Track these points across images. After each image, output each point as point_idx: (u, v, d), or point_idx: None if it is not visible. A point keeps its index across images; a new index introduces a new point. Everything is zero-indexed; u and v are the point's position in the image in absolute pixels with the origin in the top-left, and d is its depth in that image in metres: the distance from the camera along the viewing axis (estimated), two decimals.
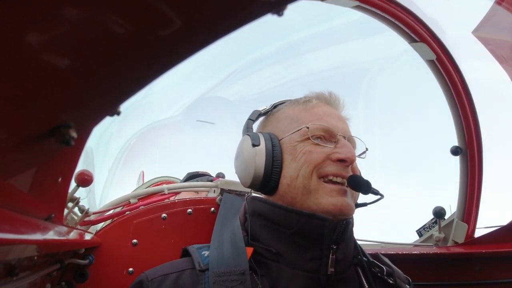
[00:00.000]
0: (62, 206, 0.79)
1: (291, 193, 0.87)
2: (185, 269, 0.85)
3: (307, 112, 0.97)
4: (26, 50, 0.28)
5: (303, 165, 0.87)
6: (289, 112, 1.00)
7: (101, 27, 0.28)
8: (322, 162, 0.87)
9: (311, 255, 0.83)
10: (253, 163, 0.91)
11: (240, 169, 0.97)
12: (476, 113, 1.47)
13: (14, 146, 0.39)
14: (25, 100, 0.34)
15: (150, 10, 0.27)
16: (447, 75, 1.42)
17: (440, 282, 1.35)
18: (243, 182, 0.97)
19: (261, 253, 0.86)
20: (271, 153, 0.91)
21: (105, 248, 1.11)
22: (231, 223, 0.98)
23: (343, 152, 0.88)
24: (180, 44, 0.32)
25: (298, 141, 0.91)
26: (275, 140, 0.93)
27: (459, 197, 1.50)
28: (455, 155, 1.50)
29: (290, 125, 0.95)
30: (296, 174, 0.87)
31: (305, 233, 0.84)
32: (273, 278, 0.83)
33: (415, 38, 1.40)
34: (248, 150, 0.93)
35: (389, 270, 0.92)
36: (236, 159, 1.00)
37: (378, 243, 1.58)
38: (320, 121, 0.93)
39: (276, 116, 1.03)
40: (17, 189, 0.49)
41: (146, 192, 1.44)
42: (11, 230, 0.44)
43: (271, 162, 0.90)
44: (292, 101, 1.04)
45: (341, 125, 0.95)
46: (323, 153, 0.88)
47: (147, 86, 0.37)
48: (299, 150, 0.90)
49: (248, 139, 0.95)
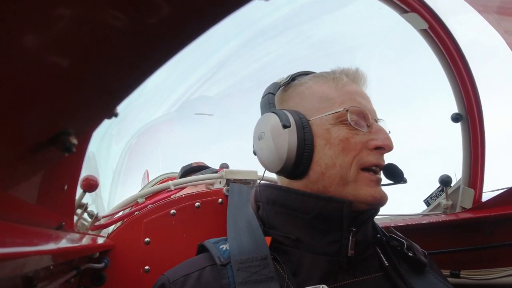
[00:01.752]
0: (72, 214, 0.79)
1: (324, 182, 0.83)
2: (205, 266, 0.83)
3: (338, 90, 0.89)
4: (20, 59, 0.28)
5: (340, 153, 0.82)
6: (316, 88, 0.91)
7: (90, 26, 0.27)
8: (360, 150, 0.83)
9: (331, 238, 0.82)
10: (285, 147, 0.83)
11: (266, 152, 0.87)
12: (474, 78, 1.45)
13: (15, 159, 0.39)
14: (23, 111, 0.33)
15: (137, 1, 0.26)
16: (441, 42, 1.41)
17: (452, 248, 1.36)
18: (269, 167, 0.89)
19: (280, 240, 0.85)
20: (302, 137, 0.84)
21: (119, 249, 1.12)
22: (244, 212, 0.97)
23: (379, 138, 0.84)
24: (170, 36, 0.31)
25: (332, 124, 0.85)
26: (304, 121, 0.86)
27: (463, 164, 1.50)
28: (456, 122, 1.49)
29: (320, 104, 0.88)
30: (332, 162, 0.82)
31: (324, 217, 0.82)
32: (294, 265, 0.82)
33: (406, 9, 1.38)
34: (277, 132, 0.85)
35: (408, 244, 0.91)
36: (260, 139, 0.90)
37: (388, 216, 1.60)
38: (354, 102, 0.86)
39: (299, 91, 0.94)
40: (25, 201, 0.49)
41: (152, 190, 1.45)
42: (24, 243, 0.44)
43: (303, 147, 0.84)
44: (318, 75, 0.95)
45: (371, 107, 0.90)
46: (360, 141, 0.83)
47: (142, 84, 0.37)
48: (334, 136, 0.84)
49: (275, 118, 0.86)
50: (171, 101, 4.21)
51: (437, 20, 1.39)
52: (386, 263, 0.87)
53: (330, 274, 0.80)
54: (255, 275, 0.76)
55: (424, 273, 0.90)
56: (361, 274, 0.84)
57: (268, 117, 0.89)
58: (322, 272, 0.80)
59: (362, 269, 0.85)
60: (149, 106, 4.07)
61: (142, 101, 3.81)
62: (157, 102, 4.21)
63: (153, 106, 4.19)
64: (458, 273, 1.32)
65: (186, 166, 2.26)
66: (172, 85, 3.98)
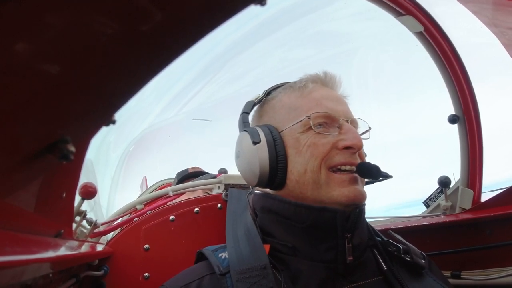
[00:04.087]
0: (70, 221, 0.79)
1: (300, 189, 0.85)
2: (204, 275, 0.83)
3: (304, 98, 0.92)
4: (17, 67, 0.28)
5: (309, 159, 0.84)
6: (285, 100, 0.95)
7: (87, 34, 0.27)
8: (329, 152, 0.84)
9: (327, 245, 0.82)
10: (257, 162, 0.87)
11: (243, 168, 0.93)
12: (469, 79, 1.46)
13: (13, 167, 0.39)
14: (20, 119, 0.33)
15: (132, 7, 0.26)
16: (436, 45, 1.42)
17: (452, 249, 1.36)
18: (249, 182, 0.93)
19: (278, 248, 0.85)
20: (274, 149, 0.87)
21: (118, 256, 1.12)
22: (243, 220, 0.97)
23: (348, 138, 0.85)
24: (166, 44, 0.31)
25: (300, 132, 0.87)
26: (275, 133, 0.89)
27: (461, 164, 1.51)
28: (453, 124, 1.50)
29: (288, 115, 0.91)
30: (303, 169, 0.84)
31: (318, 226, 0.82)
32: (292, 272, 0.82)
33: (401, 12, 1.39)
34: (249, 148, 0.89)
35: (405, 248, 0.91)
36: (237, 158, 0.95)
37: (387, 219, 1.60)
38: (320, 107, 0.89)
39: (271, 104, 0.97)
40: (23, 210, 0.49)
41: (151, 196, 1.44)
42: (22, 251, 0.44)
43: (275, 159, 0.86)
44: (287, 87, 0.98)
45: (341, 108, 0.91)
46: (328, 143, 0.85)
47: (140, 91, 0.37)
48: (303, 143, 0.86)
49: (247, 136, 0.90)
50: (169, 107, 4.22)
51: (432, 22, 1.40)
52: (384, 267, 0.87)
53: (328, 281, 0.80)
54: (255, 286, 0.76)
55: (422, 276, 0.90)
56: (359, 279, 0.83)
57: (241, 136, 0.94)
58: (320, 279, 0.80)
59: (360, 274, 0.84)
60: (146, 112, 4.07)
61: (140, 108, 3.81)
62: (155, 109, 4.21)
63: (151, 112, 4.19)
64: (459, 274, 1.32)
65: (182, 172, 2.25)
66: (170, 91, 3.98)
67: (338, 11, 3.05)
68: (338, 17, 3.06)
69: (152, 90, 3.54)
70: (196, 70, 3.84)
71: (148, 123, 4.19)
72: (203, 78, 3.93)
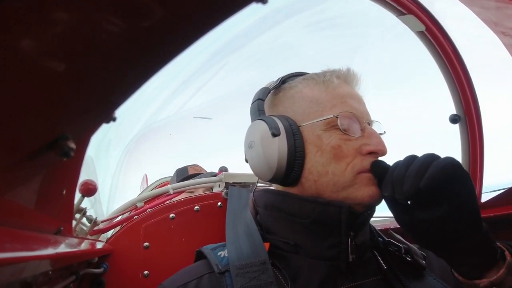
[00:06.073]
0: (70, 218, 0.79)
1: (317, 189, 0.82)
2: (203, 274, 0.82)
3: (328, 94, 0.86)
4: (16, 63, 0.28)
5: (332, 160, 0.80)
6: (306, 92, 0.88)
7: (87, 30, 0.27)
8: (354, 157, 0.81)
9: (330, 243, 0.81)
10: (275, 156, 0.82)
11: (257, 161, 0.86)
12: (471, 79, 1.46)
13: (13, 164, 0.39)
14: (20, 116, 0.33)
15: (133, 3, 0.26)
16: (438, 44, 1.42)
17: None
18: (261, 176, 0.88)
19: (278, 246, 0.84)
20: (293, 144, 0.82)
21: (118, 254, 1.12)
22: (243, 217, 0.97)
23: (372, 143, 0.82)
24: (166, 41, 0.31)
25: (323, 130, 0.82)
26: (295, 127, 0.84)
27: (462, 164, 1.51)
28: (454, 124, 1.50)
29: (310, 109, 0.86)
30: (325, 170, 0.80)
31: (322, 221, 0.81)
32: (293, 270, 0.81)
33: (403, 11, 1.38)
34: (267, 140, 0.83)
35: (406, 248, 0.90)
36: (250, 148, 0.88)
37: (387, 218, 1.60)
38: (345, 105, 0.84)
39: (289, 94, 0.91)
40: (23, 207, 0.49)
41: (151, 194, 1.45)
42: (22, 248, 0.44)
43: (294, 154, 0.82)
44: (308, 78, 0.92)
45: (364, 109, 0.88)
46: (353, 148, 0.81)
47: (140, 88, 0.37)
48: (326, 142, 0.81)
49: (264, 126, 0.84)
50: (170, 104, 4.21)
51: (434, 22, 1.40)
52: (384, 267, 0.87)
53: (329, 279, 0.80)
54: (254, 280, 0.75)
55: (423, 276, 0.90)
56: (360, 278, 0.83)
57: (257, 125, 0.87)
58: (321, 277, 0.79)
59: (361, 273, 0.84)
60: (147, 110, 4.07)
61: (140, 105, 3.80)
62: (156, 106, 4.20)
63: (152, 110, 4.18)
64: None
65: (181, 169, 2.25)
66: (171, 88, 3.97)
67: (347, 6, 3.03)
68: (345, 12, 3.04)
69: (153, 87, 3.54)
70: (196, 67, 3.84)
71: (148, 120, 4.19)
72: (204, 75, 3.93)
